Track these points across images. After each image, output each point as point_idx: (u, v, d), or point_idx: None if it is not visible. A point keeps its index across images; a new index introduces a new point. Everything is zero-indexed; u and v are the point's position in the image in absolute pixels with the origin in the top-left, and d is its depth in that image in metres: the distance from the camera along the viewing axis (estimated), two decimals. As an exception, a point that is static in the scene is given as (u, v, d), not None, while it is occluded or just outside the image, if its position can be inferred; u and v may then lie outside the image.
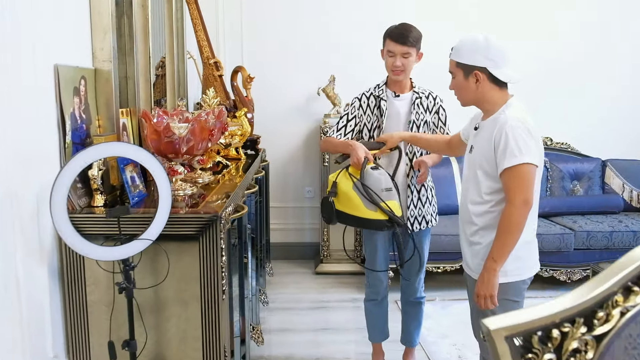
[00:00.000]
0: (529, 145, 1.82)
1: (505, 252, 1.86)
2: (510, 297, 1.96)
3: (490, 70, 1.89)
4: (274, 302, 3.71)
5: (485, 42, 1.89)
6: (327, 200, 2.32)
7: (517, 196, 1.82)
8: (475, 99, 1.98)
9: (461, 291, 3.91)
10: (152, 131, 2.01)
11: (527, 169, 1.82)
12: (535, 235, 2.03)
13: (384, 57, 2.53)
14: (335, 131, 2.61)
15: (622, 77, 4.56)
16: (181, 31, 3.13)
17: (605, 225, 3.93)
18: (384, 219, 2.21)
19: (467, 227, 2.05)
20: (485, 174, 1.93)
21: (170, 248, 1.79)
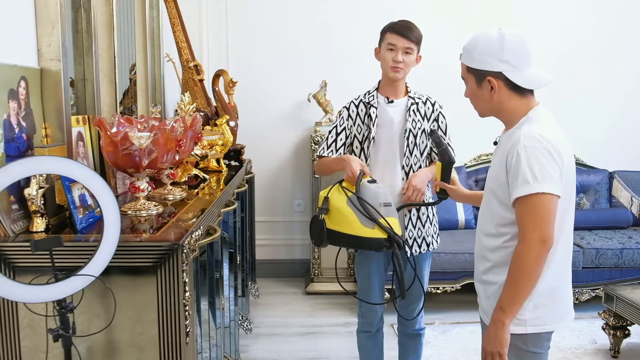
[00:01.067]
0: (547, 170, 1.48)
1: (516, 302, 1.53)
2: (531, 349, 1.63)
3: (507, 75, 1.56)
4: (259, 328, 3.41)
5: (499, 40, 1.55)
6: (316, 218, 2.00)
7: (531, 233, 1.48)
8: (492, 109, 1.64)
9: (462, 313, 3.68)
10: (109, 142, 1.73)
11: (543, 200, 1.47)
12: (569, 279, 1.68)
13: (381, 53, 2.26)
14: (326, 149, 2.34)
15: (628, 86, 4.40)
16: (157, 31, 2.86)
17: (615, 241, 3.74)
18: (383, 237, 1.89)
19: (480, 263, 1.73)
20: (498, 202, 1.60)
21: (120, 283, 1.49)
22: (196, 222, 1.76)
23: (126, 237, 1.53)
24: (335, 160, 2.27)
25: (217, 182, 2.68)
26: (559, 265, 1.61)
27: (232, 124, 3.10)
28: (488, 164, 4.23)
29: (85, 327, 1.49)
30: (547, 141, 1.50)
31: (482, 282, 1.72)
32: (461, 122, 3.97)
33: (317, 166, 2.42)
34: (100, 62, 2.12)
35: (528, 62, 1.58)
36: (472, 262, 3.52)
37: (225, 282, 2.44)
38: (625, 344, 3.11)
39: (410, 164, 2.28)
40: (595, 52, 4.29)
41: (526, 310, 1.58)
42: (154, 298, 1.51)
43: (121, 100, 2.52)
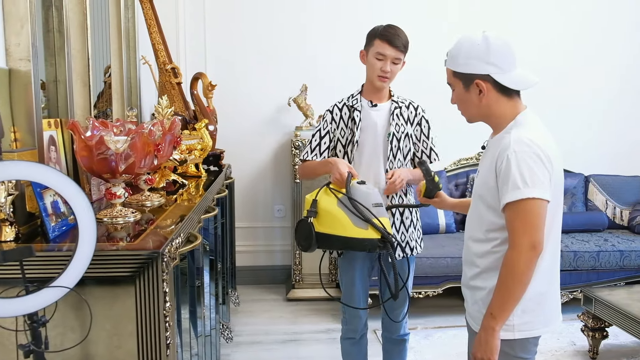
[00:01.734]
0: (537, 175, 1.47)
1: (507, 308, 1.52)
2: (519, 354, 1.60)
3: (495, 77, 1.55)
4: (240, 336, 3.34)
5: (485, 43, 1.54)
6: (305, 222, 1.92)
7: (521, 239, 1.47)
8: (481, 113, 1.62)
9: (444, 318, 3.67)
10: (83, 146, 1.65)
11: (534, 205, 1.46)
12: (556, 284, 1.65)
13: (369, 59, 2.22)
14: (310, 153, 2.31)
15: (604, 91, 4.46)
16: (132, 32, 2.78)
17: (592, 244, 3.80)
18: (376, 237, 1.84)
19: (468, 268, 1.70)
20: (487, 207, 1.58)
21: (96, 295, 1.41)
22: (176, 229, 1.69)
23: (102, 246, 1.46)
24: (321, 164, 2.23)
25: (196, 188, 2.61)
26: (547, 270, 1.60)
27: (211, 128, 3.03)
28: (468, 168, 4.23)
29: (58, 341, 1.41)
30: (537, 146, 1.49)
31: (470, 287, 1.69)
32: (441, 126, 3.98)
33: (301, 170, 2.37)
34: (73, 63, 2.04)
35: (514, 64, 1.57)
36: (454, 267, 3.56)
37: (206, 290, 2.37)
38: (604, 345, 3.13)
39: (394, 168, 2.25)
40: (573, 57, 4.34)
41: (514, 316, 1.56)
42: (133, 309, 1.44)
43: (95, 104, 2.43)
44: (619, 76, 4.42)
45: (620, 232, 4.08)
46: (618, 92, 4.44)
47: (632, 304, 2.88)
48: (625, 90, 4.45)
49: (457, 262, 3.54)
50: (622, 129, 4.48)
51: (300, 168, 2.40)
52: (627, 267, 3.72)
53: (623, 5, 4.35)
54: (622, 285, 3.64)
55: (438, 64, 4.49)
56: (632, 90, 4.45)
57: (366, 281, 2.36)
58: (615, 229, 4.16)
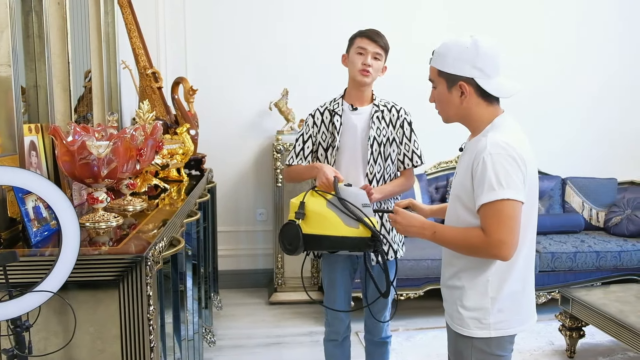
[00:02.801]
0: (511, 176, 1.50)
1: (444, 244, 1.66)
2: (495, 352, 1.64)
3: (479, 81, 1.57)
4: (223, 340, 3.33)
5: (474, 47, 1.56)
6: (291, 225, 1.92)
7: (493, 235, 1.50)
8: (459, 115, 1.65)
9: (426, 319, 3.70)
10: (65, 151, 1.65)
11: (508, 206, 1.49)
12: (531, 283, 1.69)
13: (350, 57, 2.26)
14: (295, 157, 2.34)
15: (582, 96, 4.53)
16: (112, 37, 2.77)
17: (569, 245, 3.85)
18: (367, 236, 1.86)
19: (446, 269, 1.74)
20: (464, 208, 1.62)
21: (80, 299, 1.42)
22: (159, 233, 1.70)
23: (85, 251, 1.46)
24: (307, 168, 2.26)
25: (178, 192, 2.61)
26: (522, 269, 1.64)
27: (192, 133, 3.03)
28: (448, 171, 4.29)
29: (42, 346, 1.41)
30: (512, 148, 1.52)
31: (448, 287, 1.73)
32: (420, 130, 4.03)
33: (287, 174, 2.40)
34: (54, 68, 2.03)
35: (498, 71, 1.60)
36: (435, 269, 3.60)
37: (189, 294, 2.37)
38: (581, 344, 3.20)
39: (374, 172, 2.28)
40: (555, 68, 4.40)
41: (490, 315, 1.60)
42: (116, 313, 1.45)
43: (75, 108, 2.42)
44: (597, 82, 4.51)
45: (597, 233, 4.15)
46: (595, 98, 4.53)
47: (608, 303, 2.94)
48: (602, 95, 4.53)
49: (438, 264, 3.58)
50: (599, 133, 4.57)
51: (285, 172, 2.42)
52: (603, 268, 3.79)
53: (603, 13, 4.43)
54: (598, 285, 3.71)
55: (416, 67, 4.54)
56: (609, 96, 4.54)
57: (348, 283, 2.38)
58: (591, 230, 4.23)
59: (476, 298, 1.62)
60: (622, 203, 4.22)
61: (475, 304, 1.62)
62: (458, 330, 1.67)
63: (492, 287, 1.61)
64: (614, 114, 4.57)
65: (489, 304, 1.61)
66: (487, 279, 1.61)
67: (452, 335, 1.72)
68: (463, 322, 1.64)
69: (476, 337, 1.63)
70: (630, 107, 4.58)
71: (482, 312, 1.62)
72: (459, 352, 1.69)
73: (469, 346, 1.65)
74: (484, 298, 1.61)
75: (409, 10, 4.19)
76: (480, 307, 1.62)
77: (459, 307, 1.65)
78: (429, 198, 4.09)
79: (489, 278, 1.60)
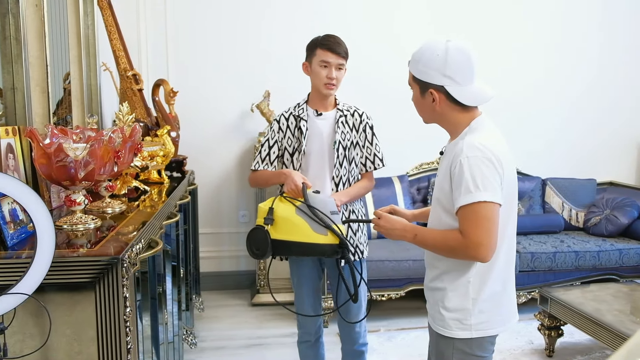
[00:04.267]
0: (488, 179, 1.51)
1: (424, 246, 1.68)
2: (476, 353, 1.66)
3: (448, 89, 1.58)
4: (205, 342, 3.33)
5: (444, 54, 1.55)
6: (259, 230, 1.96)
7: (471, 236, 1.52)
8: (435, 119, 1.68)
9: (407, 319, 3.73)
10: (41, 154, 1.65)
11: (485, 208, 1.50)
12: (512, 283, 1.71)
13: (313, 69, 2.28)
14: (260, 162, 2.36)
15: (562, 98, 4.59)
16: (92, 39, 2.76)
17: (549, 245, 3.88)
18: (335, 243, 1.90)
19: (429, 270, 1.76)
20: (444, 211, 1.63)
21: (56, 301, 1.42)
22: (137, 235, 1.71)
23: (62, 253, 1.47)
24: (275, 174, 2.29)
25: (158, 194, 2.61)
26: (502, 270, 1.66)
27: (173, 135, 3.03)
28: (429, 172, 4.33)
29: (17, 348, 1.41)
30: (489, 150, 1.53)
31: (430, 289, 1.75)
32: (402, 132, 4.08)
33: (253, 179, 2.42)
34: (31, 70, 2.03)
35: (471, 78, 1.59)
36: (416, 269, 3.63)
37: (168, 296, 2.37)
38: (559, 343, 3.24)
39: (340, 175, 2.31)
40: (534, 69, 4.45)
41: (472, 315, 1.62)
42: (93, 315, 1.45)
43: (55, 111, 2.42)
44: (577, 85, 4.56)
45: (576, 233, 4.20)
46: (575, 100, 4.58)
47: (585, 303, 2.98)
48: (582, 98, 4.59)
49: (419, 265, 3.61)
50: (578, 135, 4.63)
51: (251, 177, 2.43)
52: (582, 267, 3.84)
53: (583, 16, 4.50)
54: (577, 285, 3.76)
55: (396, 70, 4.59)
56: (589, 98, 4.60)
57: (316, 283, 2.41)
58: (571, 230, 4.28)
59: (457, 299, 1.64)
60: (601, 203, 4.29)
61: (456, 305, 1.64)
62: (440, 331, 1.68)
63: (473, 288, 1.62)
64: (593, 116, 4.64)
65: (470, 305, 1.63)
66: (468, 280, 1.62)
67: (434, 336, 1.74)
68: (445, 323, 1.66)
69: (457, 337, 1.64)
70: (609, 109, 4.65)
71: (463, 312, 1.63)
72: (440, 353, 1.71)
73: (450, 347, 1.67)
74: (465, 299, 1.63)
75: (390, 12, 4.22)
76: (462, 308, 1.63)
77: (441, 308, 1.66)
78: (410, 199, 4.12)
79: (469, 279, 1.62)
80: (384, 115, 3.64)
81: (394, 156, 3.81)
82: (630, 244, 3.96)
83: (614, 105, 4.66)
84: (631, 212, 4.12)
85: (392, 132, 3.99)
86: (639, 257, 3.89)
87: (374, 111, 2.73)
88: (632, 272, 3.91)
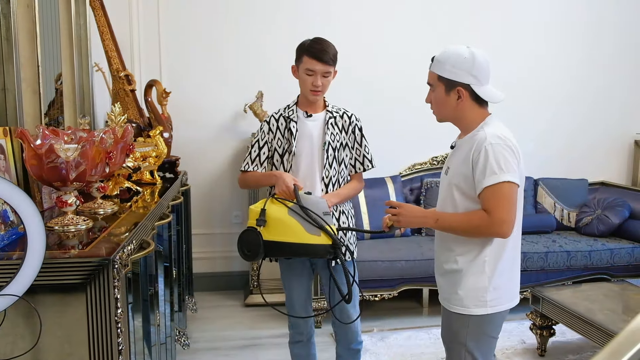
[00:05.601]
0: (510, 162, 1.72)
1: (446, 228, 1.82)
2: (489, 333, 1.84)
3: (474, 87, 1.80)
4: (198, 342, 3.33)
5: (471, 57, 1.79)
6: (250, 231, 1.96)
7: (495, 213, 1.70)
8: (454, 116, 1.87)
9: (400, 320, 3.75)
10: (32, 155, 1.64)
11: (508, 188, 1.71)
12: (518, 263, 1.90)
13: (300, 75, 2.29)
14: (250, 163, 2.36)
15: (553, 98, 4.62)
16: (85, 39, 2.75)
17: (540, 245, 3.91)
18: (328, 243, 1.93)
19: (442, 255, 1.90)
20: (462, 195, 1.81)
21: (47, 303, 1.41)
22: (128, 236, 1.70)
23: (53, 254, 1.46)
24: (265, 176, 2.30)
25: (151, 195, 2.60)
26: (514, 248, 1.85)
27: (165, 136, 3.03)
28: (421, 173, 4.33)
29: (8, 350, 1.41)
30: (509, 140, 1.76)
31: (445, 272, 1.88)
32: (396, 134, 4.09)
33: (243, 180, 2.42)
34: (23, 71, 2.02)
35: (488, 79, 1.83)
36: (409, 269, 3.65)
37: (161, 297, 2.37)
38: (551, 342, 3.26)
39: (330, 176, 2.32)
40: (526, 69, 4.48)
41: (487, 292, 1.79)
42: (84, 316, 1.45)
43: (46, 112, 2.41)
44: (568, 83, 4.60)
45: (568, 233, 4.23)
46: (566, 100, 4.62)
47: (577, 302, 3.01)
48: (573, 97, 4.63)
49: (412, 265, 3.63)
50: (569, 135, 4.67)
51: (240, 179, 2.43)
52: (573, 267, 3.86)
53: (572, 17, 4.53)
54: (569, 284, 3.78)
55: (393, 76, 4.61)
56: (580, 98, 4.64)
57: (306, 283, 2.42)
58: (563, 230, 4.30)
59: (474, 278, 1.80)
60: (593, 203, 4.31)
61: (474, 284, 1.80)
62: (456, 310, 1.84)
63: (489, 266, 1.79)
64: (584, 116, 4.67)
65: (486, 282, 1.79)
66: (483, 259, 1.79)
67: (447, 317, 1.89)
68: (462, 302, 1.82)
69: (474, 314, 1.81)
70: (600, 110, 4.69)
71: (480, 290, 1.79)
72: (454, 333, 1.86)
73: (465, 325, 1.83)
74: (482, 277, 1.79)
75: (380, 15, 4.22)
76: (479, 286, 1.80)
77: (459, 289, 1.82)
78: (403, 199, 4.14)
79: (485, 258, 1.79)
80: (376, 118, 3.65)
81: (387, 157, 3.83)
82: (621, 243, 3.99)
83: (604, 105, 4.70)
84: (622, 212, 4.15)
85: (385, 134, 4.01)
86: (630, 256, 3.92)
87: (366, 113, 2.74)
88: (624, 272, 3.94)
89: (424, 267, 3.63)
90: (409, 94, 4.05)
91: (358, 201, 3.94)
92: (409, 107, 4.06)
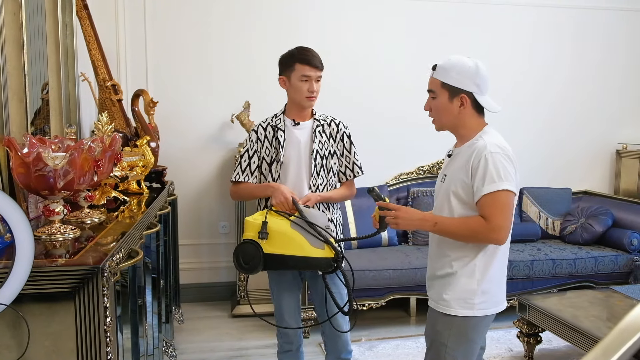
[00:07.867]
0: (508, 172, 1.77)
1: (444, 233, 1.83)
2: (471, 337, 1.86)
3: (476, 96, 1.85)
4: (185, 354, 3.30)
5: (475, 67, 1.85)
6: (249, 244, 1.95)
7: (493, 219, 1.74)
8: (454, 123, 1.91)
9: (388, 329, 3.75)
10: (20, 163, 1.63)
11: (505, 196, 1.75)
12: (506, 269, 1.93)
13: (293, 83, 2.31)
14: (241, 174, 2.36)
15: (539, 108, 4.68)
16: (71, 49, 2.74)
17: (526, 254, 3.95)
18: (331, 257, 1.96)
19: (436, 261, 1.93)
20: (459, 202, 1.84)
21: (35, 312, 1.39)
22: (117, 244, 1.69)
23: (40, 263, 1.44)
24: (261, 188, 2.30)
25: (138, 205, 2.59)
26: (501, 257, 1.88)
27: (153, 145, 3.02)
28: (408, 182, 4.36)
29: (-7, 361, 1.39)
30: (507, 150, 1.82)
31: (438, 277, 1.91)
32: (383, 145, 4.12)
33: (235, 193, 2.42)
34: (9, 79, 2.00)
35: (487, 90, 1.89)
36: (397, 279, 3.66)
37: (148, 308, 2.35)
38: (538, 349, 3.28)
39: (317, 184, 2.34)
40: (511, 79, 4.53)
41: (476, 295, 1.82)
42: (72, 326, 1.43)
43: (32, 121, 2.39)
44: (552, 96, 4.67)
45: (553, 241, 4.28)
46: (550, 111, 4.69)
47: (563, 309, 3.03)
48: (556, 109, 4.70)
49: (400, 274, 3.64)
50: (553, 145, 4.73)
51: (233, 190, 2.43)
52: (559, 275, 3.90)
53: (558, 26, 4.61)
54: (555, 292, 3.82)
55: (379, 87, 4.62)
56: (564, 109, 4.71)
57: (296, 293, 2.42)
58: (547, 238, 4.36)
59: (465, 280, 1.83)
60: (577, 212, 4.37)
61: (463, 286, 1.83)
62: (443, 311, 1.87)
63: (479, 270, 1.83)
64: (568, 126, 4.74)
65: (475, 286, 1.83)
66: (475, 263, 1.83)
67: (433, 317, 1.91)
68: (450, 304, 1.85)
69: (459, 315, 1.84)
70: (583, 120, 4.77)
71: (469, 292, 1.83)
72: (437, 332, 1.89)
73: (448, 326, 1.86)
74: (472, 281, 1.83)
75: (368, 25, 4.26)
76: (468, 288, 1.83)
77: (449, 291, 1.85)
78: (390, 209, 4.15)
79: (476, 263, 1.83)
80: (363, 127, 3.67)
81: (374, 167, 3.84)
82: (605, 251, 4.04)
83: (587, 117, 4.78)
84: (605, 221, 4.20)
85: (372, 144, 4.03)
86: (613, 264, 3.98)
87: (353, 123, 2.76)
88: (607, 279, 3.99)
89: (412, 276, 3.64)
90: (396, 104, 4.10)
91: (345, 210, 3.95)
92: (395, 117, 4.12)
